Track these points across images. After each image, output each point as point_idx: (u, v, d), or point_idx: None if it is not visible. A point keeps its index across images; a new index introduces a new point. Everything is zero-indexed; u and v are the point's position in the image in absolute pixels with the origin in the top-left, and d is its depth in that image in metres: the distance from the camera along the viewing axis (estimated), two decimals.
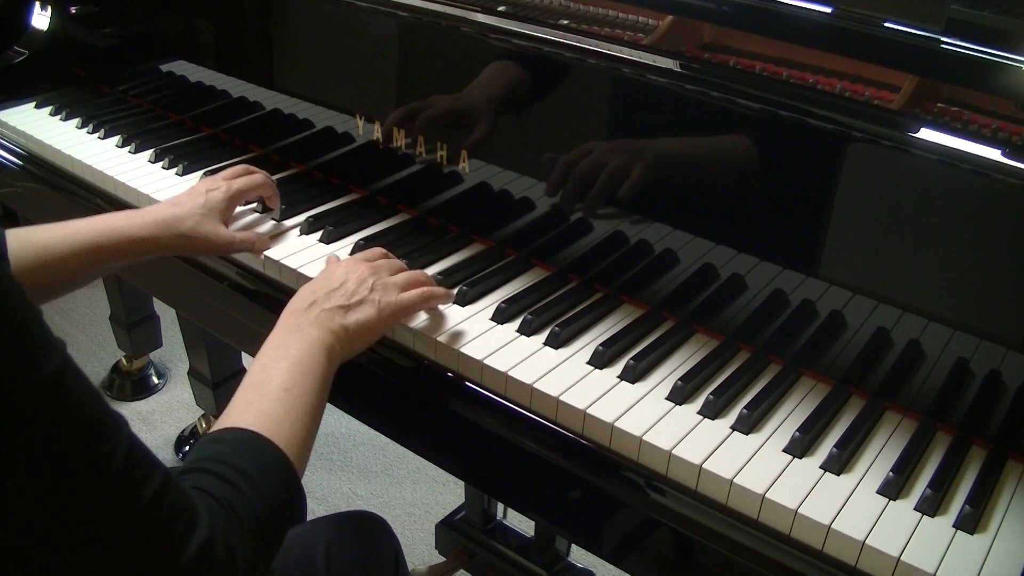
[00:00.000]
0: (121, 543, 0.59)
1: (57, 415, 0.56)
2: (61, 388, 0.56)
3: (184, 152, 1.37)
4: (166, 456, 2.05)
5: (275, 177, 1.26)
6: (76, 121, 1.46)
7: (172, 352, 2.32)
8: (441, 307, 1.02)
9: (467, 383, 0.95)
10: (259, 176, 1.16)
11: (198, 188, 1.10)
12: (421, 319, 1.00)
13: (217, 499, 0.67)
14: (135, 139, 1.39)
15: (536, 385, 0.91)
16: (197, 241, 1.05)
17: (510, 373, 0.92)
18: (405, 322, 0.99)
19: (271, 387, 0.80)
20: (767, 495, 0.79)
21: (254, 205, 1.21)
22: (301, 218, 1.19)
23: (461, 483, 1.81)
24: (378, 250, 1.04)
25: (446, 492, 1.99)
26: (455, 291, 1.04)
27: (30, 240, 0.95)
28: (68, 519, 0.57)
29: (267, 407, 0.77)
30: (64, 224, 0.98)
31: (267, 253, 1.12)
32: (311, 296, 0.91)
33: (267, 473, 0.72)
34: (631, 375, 0.93)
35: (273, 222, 1.19)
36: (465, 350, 0.95)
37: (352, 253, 1.11)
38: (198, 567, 0.62)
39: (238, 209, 1.18)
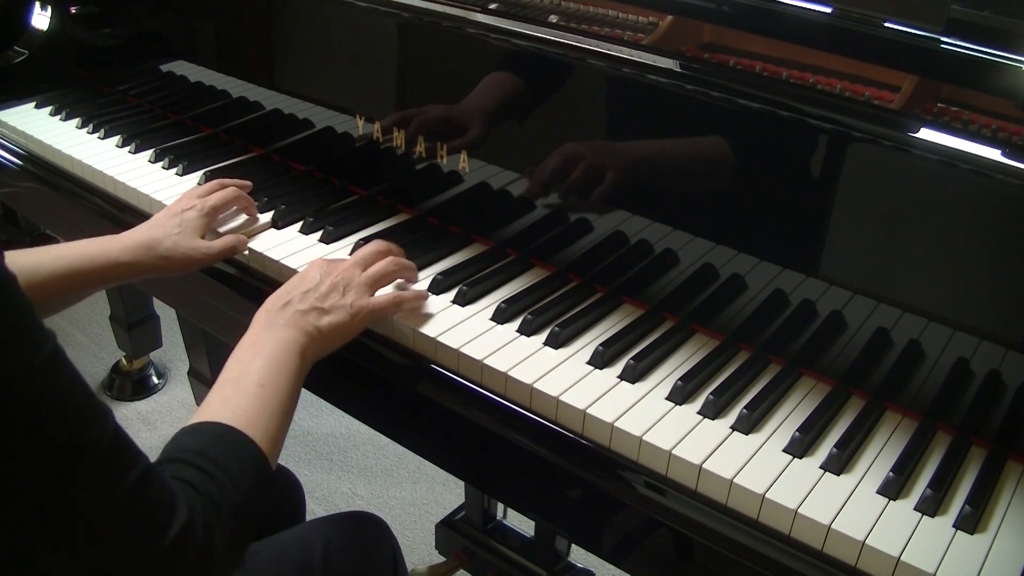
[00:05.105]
0: (105, 527, 0.62)
1: (50, 400, 0.59)
2: (55, 375, 0.60)
3: (184, 152, 1.37)
4: None
5: (274, 177, 1.26)
6: (76, 121, 1.46)
7: (172, 352, 2.32)
8: (442, 307, 1.02)
9: (467, 383, 0.95)
10: (231, 190, 1.17)
11: (174, 208, 1.12)
12: (421, 319, 1.00)
13: (197, 488, 0.70)
14: (135, 139, 1.39)
15: (536, 385, 0.91)
16: (177, 261, 1.07)
17: (510, 373, 0.92)
18: (404, 321, 0.99)
19: (246, 383, 0.82)
20: (767, 495, 0.79)
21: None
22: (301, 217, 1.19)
23: (461, 483, 1.81)
24: (380, 244, 1.04)
25: (446, 492, 1.99)
26: (453, 293, 1.04)
27: (12, 264, 0.95)
28: (55, 502, 0.60)
29: (243, 402, 0.80)
30: (45, 249, 1.00)
31: (267, 253, 1.12)
32: (286, 296, 0.93)
33: (243, 465, 0.75)
34: (631, 375, 0.92)
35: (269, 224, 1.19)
36: (465, 350, 0.95)
37: (352, 253, 1.11)
38: (178, 550, 0.65)
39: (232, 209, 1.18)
